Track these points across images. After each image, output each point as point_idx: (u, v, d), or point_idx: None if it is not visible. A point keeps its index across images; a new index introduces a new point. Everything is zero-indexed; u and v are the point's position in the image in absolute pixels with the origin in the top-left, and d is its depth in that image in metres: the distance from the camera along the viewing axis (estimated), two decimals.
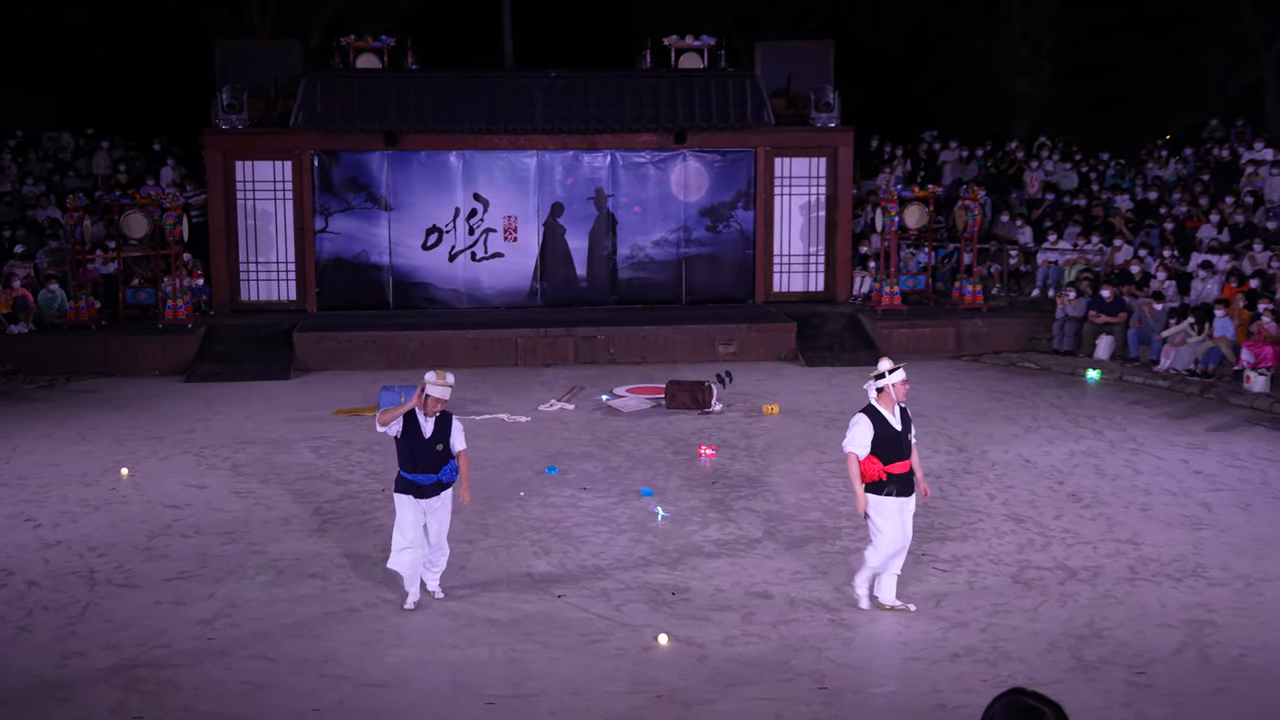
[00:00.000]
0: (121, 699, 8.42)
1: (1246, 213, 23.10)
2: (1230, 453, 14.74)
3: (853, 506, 12.47)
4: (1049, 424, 16.11)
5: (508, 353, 20.19)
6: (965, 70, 33.64)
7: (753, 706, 8.24)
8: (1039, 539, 11.58)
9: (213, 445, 15.22)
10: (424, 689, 8.55)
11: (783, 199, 22.62)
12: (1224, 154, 26.32)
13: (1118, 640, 9.25)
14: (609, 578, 10.61)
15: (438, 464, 9.90)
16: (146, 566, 10.96)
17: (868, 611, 9.85)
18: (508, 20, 25.43)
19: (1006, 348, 21.03)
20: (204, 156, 22.18)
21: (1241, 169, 25.07)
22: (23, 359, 19.58)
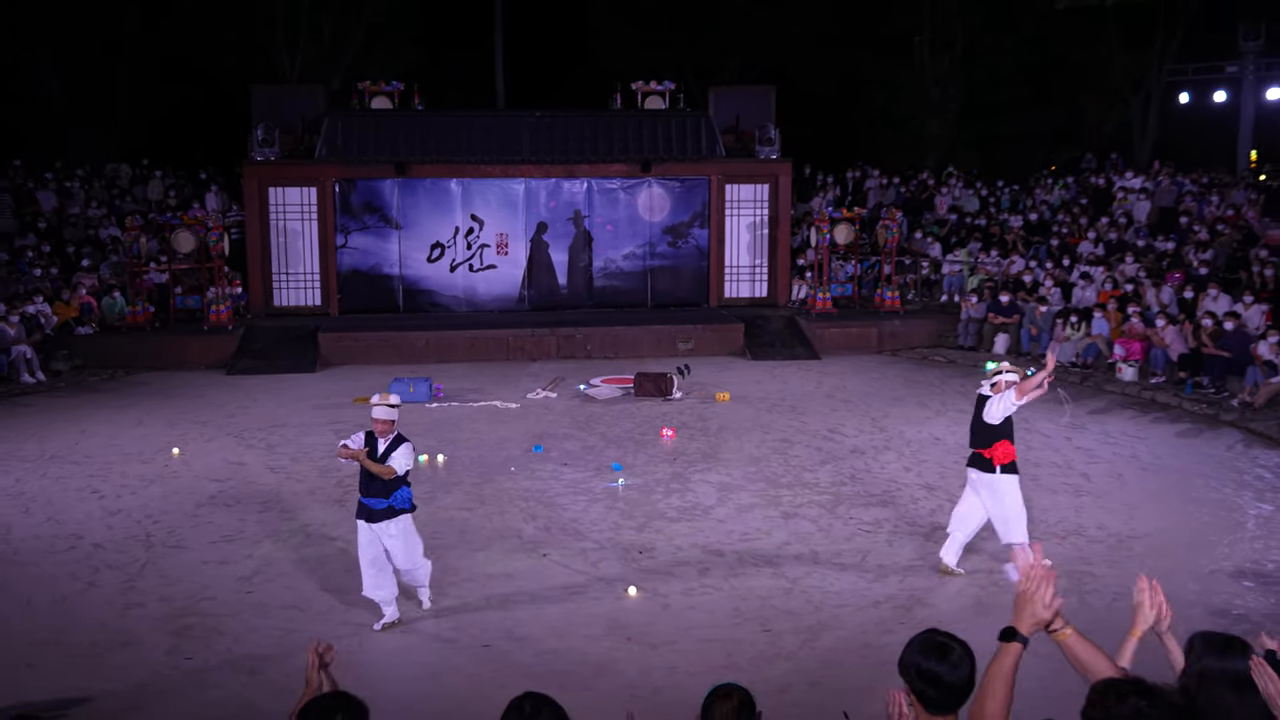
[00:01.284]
0: (174, 643, 8.40)
1: (1119, 231, 23.27)
2: (1105, 431, 14.87)
3: (791, 478, 12.57)
4: (955, 408, 16.19)
5: (500, 349, 20.15)
6: (885, 112, 33.81)
7: (707, 646, 8.27)
8: (947, 505, 11.60)
9: (250, 428, 15.16)
10: (430, 634, 8.57)
11: (732, 219, 22.64)
12: (1100, 182, 26.51)
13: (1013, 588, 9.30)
14: (586, 539, 10.62)
15: (388, 489, 8.61)
16: (195, 531, 10.92)
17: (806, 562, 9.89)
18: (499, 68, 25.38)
19: (920, 344, 21.13)
20: (242, 183, 22.05)
21: (1114, 195, 25.27)
22: (89, 355, 19.45)
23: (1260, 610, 8.76)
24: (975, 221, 25.93)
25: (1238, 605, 9.03)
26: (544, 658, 8.09)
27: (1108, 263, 21.37)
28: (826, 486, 12.30)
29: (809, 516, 11.26)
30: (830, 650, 8.22)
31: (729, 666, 7.83)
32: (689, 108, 23.61)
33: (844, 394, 17.28)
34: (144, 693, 7.67)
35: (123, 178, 27.26)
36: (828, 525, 11.00)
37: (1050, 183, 27.57)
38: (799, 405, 16.43)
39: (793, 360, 20.04)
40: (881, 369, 19.43)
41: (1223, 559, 10.12)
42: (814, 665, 7.98)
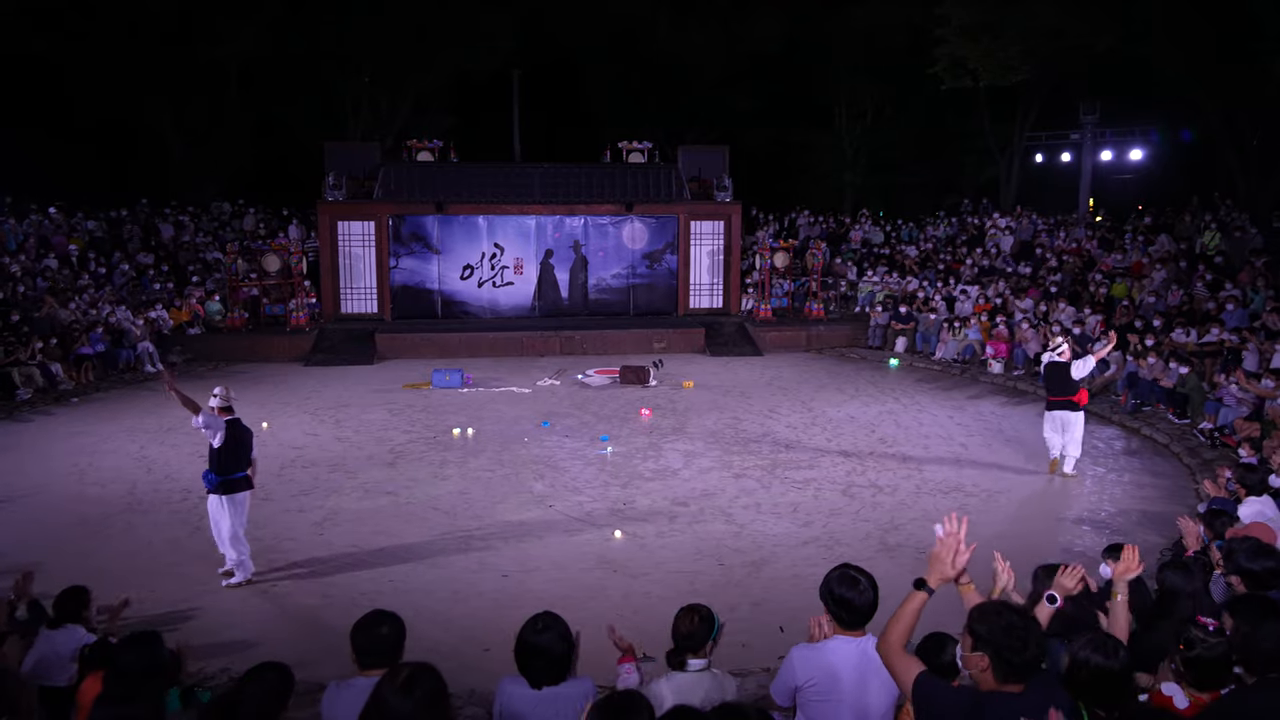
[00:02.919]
0: (263, 574, 8.34)
1: (990, 259, 23.37)
2: (979, 412, 14.95)
3: (740, 447, 12.58)
4: (866, 394, 16.26)
5: (516, 347, 20.08)
6: (812, 166, 33.90)
7: (676, 576, 8.29)
8: (859, 467, 11.69)
9: (322, 407, 15.07)
10: (461, 567, 8.55)
11: (696, 247, 22.60)
12: (975, 221, 26.61)
13: (908, 532, 9.37)
14: (582, 494, 10.62)
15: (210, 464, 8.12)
16: (279, 487, 10.85)
17: (751, 512, 9.91)
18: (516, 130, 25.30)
19: (839, 344, 21.15)
20: (316, 218, 21.87)
21: (986, 231, 25.36)
22: (197, 351, 19.28)
23: (1095, 548, 8.81)
24: (880, 250, 25.99)
25: (1077, 544, 9.12)
26: (550, 585, 8.08)
27: (981, 283, 21.46)
28: (767, 454, 12.33)
29: (754, 477, 11.29)
30: (770, 580, 8.24)
31: (692, 592, 7.84)
32: (662, 162, 23.55)
33: (781, 382, 17.31)
34: (240, 612, 7.63)
35: (224, 213, 27.03)
36: (768, 483, 11.03)
37: (938, 221, 27.66)
38: (746, 391, 16.46)
39: (742, 356, 20.04)
40: (809, 363, 19.48)
41: (1067, 509, 10.21)
42: (757, 591, 8.00)
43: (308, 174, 24.80)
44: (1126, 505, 10.35)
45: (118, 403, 15.47)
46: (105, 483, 11.05)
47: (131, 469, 11.61)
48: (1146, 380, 14.44)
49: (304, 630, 7.25)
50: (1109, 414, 14.52)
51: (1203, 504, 9.21)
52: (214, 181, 29.36)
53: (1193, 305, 17.25)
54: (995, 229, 25.07)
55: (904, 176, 32.74)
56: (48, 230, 22.97)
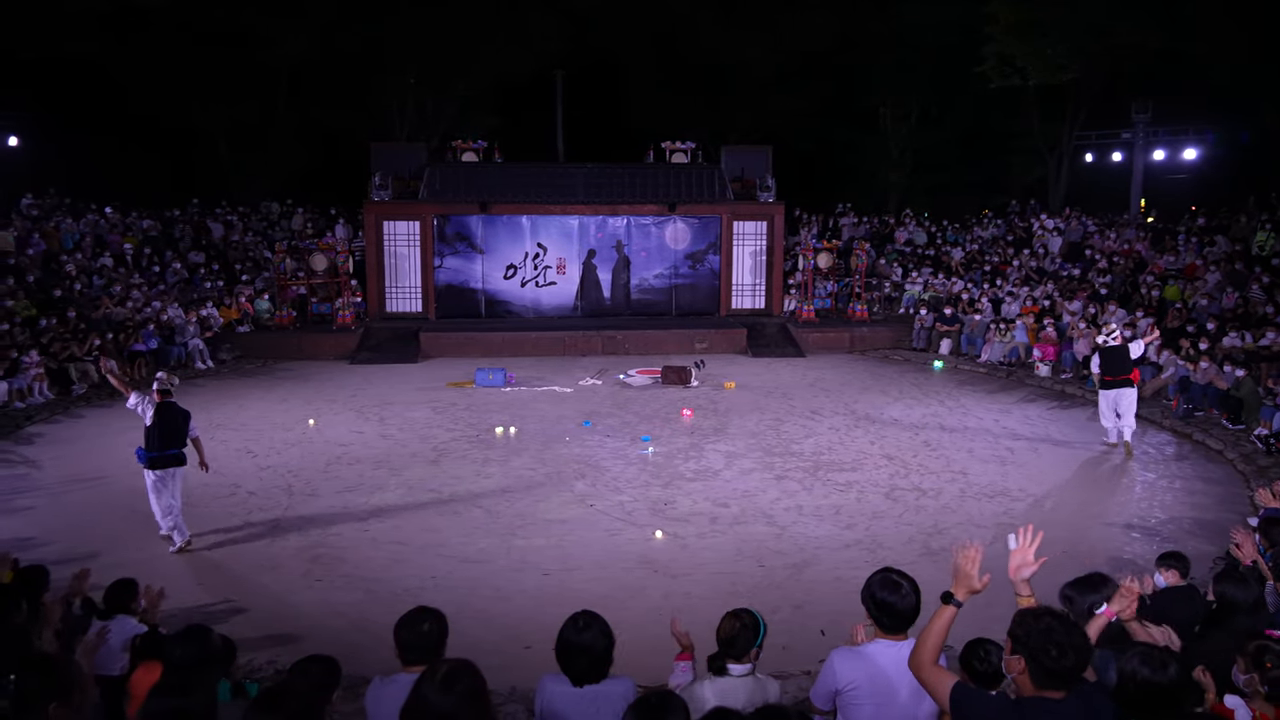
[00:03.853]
0: (308, 568, 8.49)
1: (1038, 260, 23.01)
2: (1025, 415, 14.72)
3: (782, 449, 12.51)
4: (910, 396, 16.09)
5: (558, 347, 20.16)
6: (856, 166, 33.58)
7: (717, 578, 8.26)
8: (902, 470, 11.58)
9: (367, 405, 15.25)
10: (503, 565, 8.59)
11: (738, 248, 22.55)
12: (1022, 223, 26.21)
13: (952, 536, 9.25)
14: (624, 493, 10.63)
15: (144, 441, 8.73)
16: (325, 483, 11.01)
17: (793, 514, 9.85)
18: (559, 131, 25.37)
19: (882, 346, 20.97)
20: (363, 218, 22.15)
21: (1033, 232, 24.97)
22: (246, 348, 19.62)
23: (1145, 555, 8.65)
24: (925, 251, 25.71)
25: (1127, 551, 8.93)
26: (590, 584, 8.10)
27: (1029, 284, 21.14)
28: (809, 455, 12.25)
29: (796, 479, 11.22)
30: (811, 582, 8.18)
31: (732, 593, 7.82)
32: (705, 162, 23.51)
33: (823, 384, 17.20)
34: (285, 605, 7.74)
35: (273, 213, 27.46)
36: (810, 485, 10.96)
37: (985, 221, 27.27)
38: (789, 392, 16.38)
39: (784, 357, 19.95)
40: (852, 365, 19.32)
41: (1116, 515, 10.01)
42: (798, 593, 7.95)
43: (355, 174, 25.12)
44: (1178, 512, 10.13)
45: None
46: None
47: None
48: (1199, 385, 14.12)
49: (348, 624, 7.34)
50: (1160, 419, 14.21)
51: (1258, 513, 8.98)
52: (264, 181, 29.86)
53: (1248, 308, 16.83)
54: (1043, 230, 24.68)
55: (950, 177, 32.29)
56: (103, 229, 23.51)
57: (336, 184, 29.63)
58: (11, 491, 10.74)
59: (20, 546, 8.59)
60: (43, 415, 14.40)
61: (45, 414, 14.48)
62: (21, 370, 15.00)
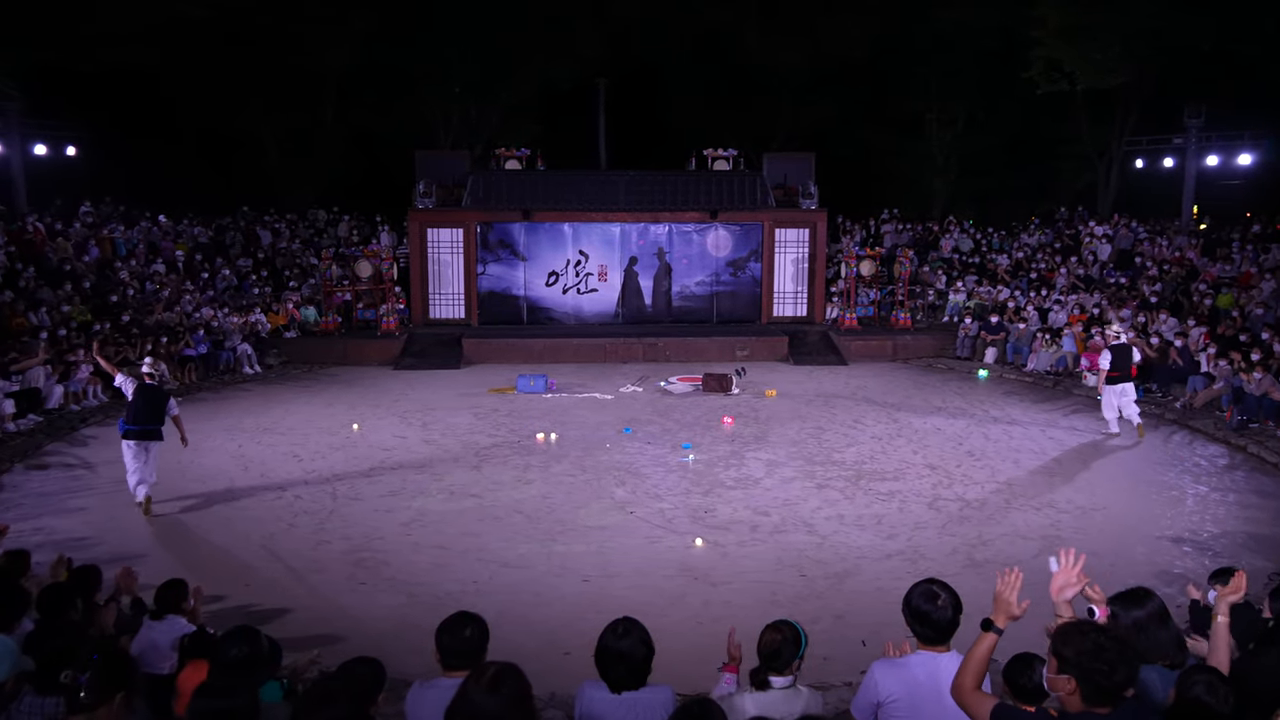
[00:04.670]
0: (352, 572, 8.59)
1: (1086, 268, 22.63)
2: (1072, 426, 14.47)
3: (823, 457, 12.43)
4: (953, 405, 15.91)
5: (599, 353, 20.23)
6: (900, 172, 33.28)
7: (756, 586, 8.23)
8: (945, 480, 11.44)
9: (410, 410, 15.41)
10: (542, 570, 8.62)
11: (780, 255, 22.46)
12: (1070, 229, 25.80)
13: (997, 548, 9.13)
14: (664, 500, 10.62)
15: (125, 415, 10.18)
16: (368, 487, 11.14)
17: (834, 523, 9.78)
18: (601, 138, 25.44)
19: (926, 354, 20.75)
20: (407, 225, 22.43)
21: (1082, 239, 24.56)
22: (293, 353, 19.93)
23: (1195, 570, 8.46)
24: (970, 259, 25.41)
25: (1177, 565, 8.74)
26: (630, 591, 8.10)
27: (1076, 292, 20.80)
28: (851, 464, 12.16)
29: (837, 487, 11.14)
30: (852, 592, 8.12)
31: (772, 602, 7.78)
32: (747, 169, 23.48)
33: (865, 392, 17.06)
34: (329, 607, 7.84)
35: (319, 220, 27.90)
36: (851, 494, 10.87)
37: (1032, 228, 26.88)
38: (830, 401, 16.27)
39: (826, 365, 19.83)
40: (895, 373, 19.14)
41: (1166, 528, 9.79)
42: (839, 603, 7.89)
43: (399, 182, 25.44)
44: (1231, 526, 9.89)
45: (218, 403, 16.07)
46: (205, 479, 11.49)
47: (230, 467, 12.05)
48: (1254, 396, 13.79)
49: (390, 627, 7.41)
50: (1214, 431, 13.90)
51: None
52: (311, 189, 30.38)
53: None
54: (1091, 237, 24.28)
55: (996, 183, 31.89)
56: (156, 237, 24.05)
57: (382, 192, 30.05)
58: (65, 492, 11.01)
59: (75, 547, 8.82)
60: (96, 418, 14.74)
61: (99, 416, 14.82)
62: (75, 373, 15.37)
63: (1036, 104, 27.42)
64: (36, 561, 6.63)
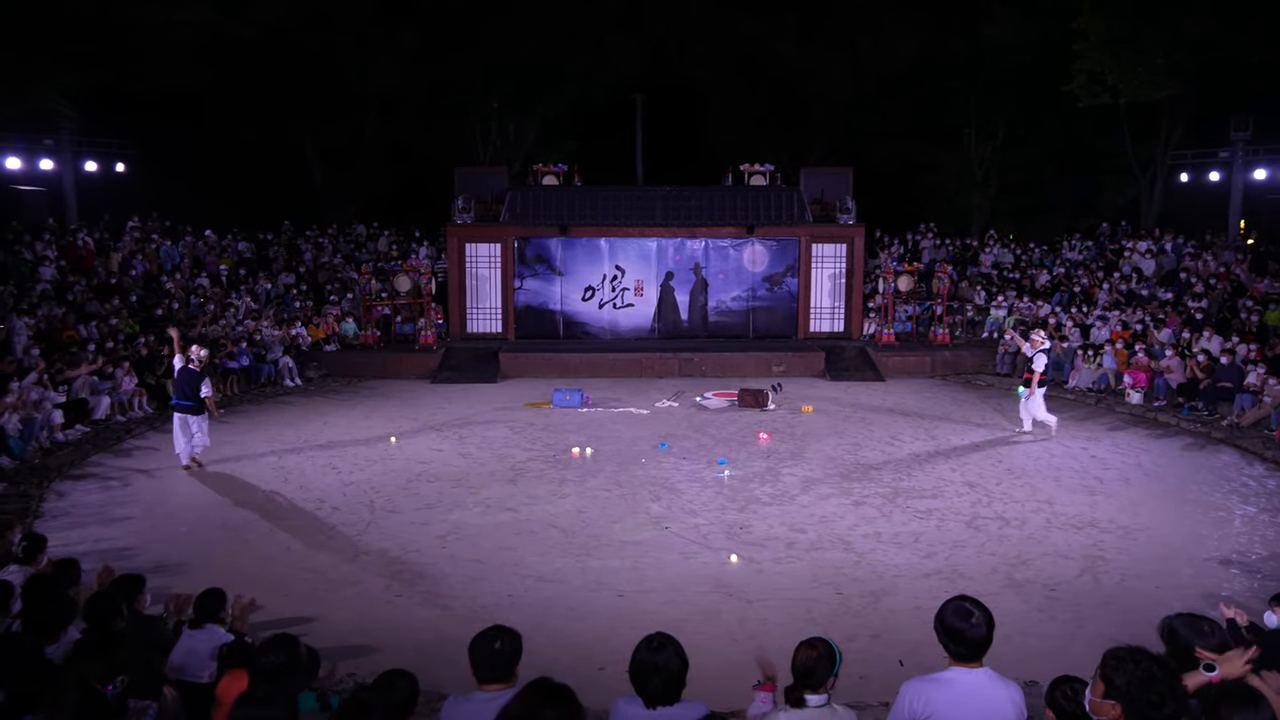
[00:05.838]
0: (388, 583, 8.65)
1: (1128, 283, 22.29)
2: (1115, 444, 14.23)
3: (860, 474, 12.34)
4: (993, 422, 15.71)
5: (635, 368, 20.26)
6: (939, 186, 33.02)
7: (792, 604, 8.17)
8: (985, 498, 11.30)
9: (447, 424, 15.52)
10: (577, 585, 8.62)
11: (817, 270, 22.39)
12: (1113, 245, 25.43)
13: (1037, 568, 8.99)
14: (699, 516, 10.59)
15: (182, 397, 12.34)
16: (405, 500, 11.23)
17: (871, 540, 9.70)
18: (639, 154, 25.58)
19: (965, 370, 20.54)
20: (445, 240, 22.64)
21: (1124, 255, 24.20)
22: (332, 367, 20.19)
23: (1243, 592, 8.26)
24: (1010, 274, 25.14)
25: (1225, 588, 8.54)
26: (664, 606, 8.08)
27: (1119, 309, 20.49)
28: (888, 481, 12.05)
29: (874, 505, 11.05)
30: (889, 611, 8.03)
31: (808, 620, 7.73)
32: (784, 184, 23.45)
33: (903, 409, 16.91)
34: (365, 619, 7.90)
35: (360, 235, 28.28)
36: (889, 512, 10.77)
37: (1073, 244, 26.52)
38: (867, 417, 16.15)
39: (863, 381, 19.69)
40: (934, 390, 18.96)
41: (1213, 550, 9.58)
42: (876, 622, 7.81)
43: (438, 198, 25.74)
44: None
45: (259, 415, 16.31)
46: (247, 490, 11.65)
47: (271, 478, 12.22)
48: None
49: (425, 639, 7.45)
50: (1262, 450, 13.59)
51: None
52: (352, 205, 30.80)
53: None
54: (1134, 252, 23.91)
55: (1037, 198, 31.51)
56: (201, 251, 24.51)
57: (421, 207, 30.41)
58: (112, 503, 11.22)
59: (119, 556, 9.00)
60: (141, 429, 15.02)
61: (144, 428, 15.10)
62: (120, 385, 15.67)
63: (1078, 117, 27.08)
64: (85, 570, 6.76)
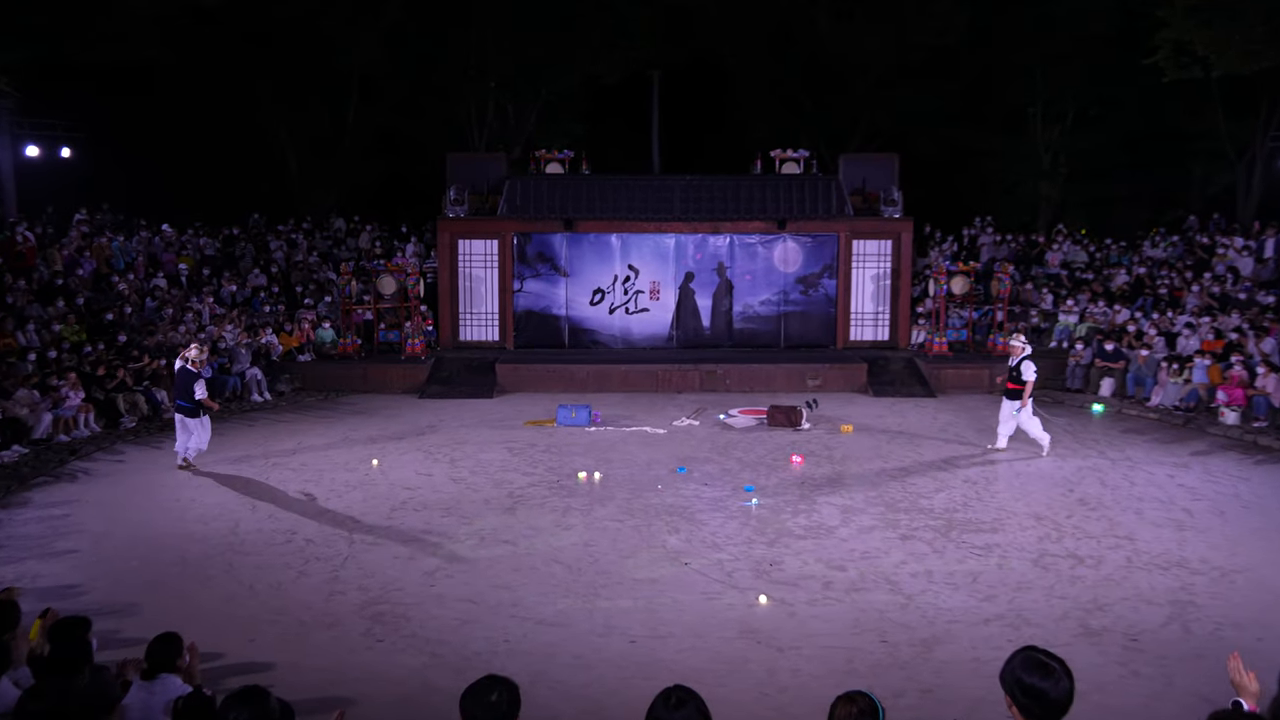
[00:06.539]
0: (369, 627, 8.62)
1: (1222, 285, 22.14)
2: (1208, 471, 14.08)
3: (908, 504, 12.27)
4: (1062, 445, 15.59)
5: (650, 382, 20.25)
6: (998, 175, 32.92)
7: (829, 653, 8.10)
8: (1054, 533, 11.20)
9: (437, 444, 15.53)
10: (584, 629, 8.58)
11: (858, 271, 22.37)
12: (1204, 240, 25.28)
13: (1116, 614, 8.89)
14: (723, 551, 10.54)
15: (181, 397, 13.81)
16: (389, 531, 11.22)
17: (921, 580, 9.62)
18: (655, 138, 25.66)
19: None
20: (436, 236, 22.74)
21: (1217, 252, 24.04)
22: (307, 379, 20.27)
23: None
24: (1083, 274, 25.03)
25: None
26: (683, 655, 8.03)
27: (1211, 314, 20.34)
28: (941, 512, 11.96)
29: (924, 539, 10.96)
30: (942, 663, 7.94)
31: (848, 672, 7.66)
32: (821, 173, 23.47)
33: (958, 429, 16.82)
34: (342, 667, 7.88)
35: (339, 230, 28.42)
36: (941, 548, 10.69)
37: (1155, 239, 26.36)
38: (916, 438, 16.06)
39: (911, 397, 19.61)
40: (993, 407, 18.75)
41: None
42: (927, 675, 7.73)
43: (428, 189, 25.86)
44: None
45: (223, 434, 16.31)
46: (208, 520, 11.67)
47: (235, 505, 12.24)
48: None
49: (410, 691, 7.42)
50: None
51: None
52: (331, 196, 30.96)
53: None
54: (1229, 249, 23.75)
55: (1113, 187, 31.38)
56: (158, 248, 24.68)
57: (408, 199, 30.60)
58: (53, 534, 11.25)
59: (62, 595, 9.01)
60: (87, 450, 15.09)
61: (91, 448, 15.17)
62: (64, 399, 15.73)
63: (1161, 94, 26.93)
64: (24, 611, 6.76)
